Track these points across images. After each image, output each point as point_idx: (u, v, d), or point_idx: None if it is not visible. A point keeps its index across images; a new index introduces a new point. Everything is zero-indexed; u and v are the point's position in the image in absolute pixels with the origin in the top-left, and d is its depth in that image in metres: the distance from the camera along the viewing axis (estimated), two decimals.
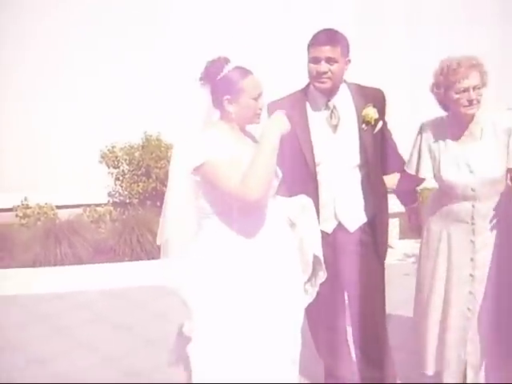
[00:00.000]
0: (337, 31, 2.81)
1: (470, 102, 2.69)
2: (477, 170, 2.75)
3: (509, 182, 2.85)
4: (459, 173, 2.77)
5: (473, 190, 2.76)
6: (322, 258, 2.57)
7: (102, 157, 6.45)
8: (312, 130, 2.85)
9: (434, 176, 2.89)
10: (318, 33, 2.81)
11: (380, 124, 2.88)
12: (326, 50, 2.74)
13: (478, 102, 2.71)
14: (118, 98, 6.64)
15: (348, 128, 2.87)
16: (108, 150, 6.47)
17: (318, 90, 2.83)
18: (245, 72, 2.43)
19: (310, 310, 2.64)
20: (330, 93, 2.85)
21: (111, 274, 5.30)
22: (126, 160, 6.49)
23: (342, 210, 2.91)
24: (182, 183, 2.43)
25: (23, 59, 6.58)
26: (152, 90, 6.68)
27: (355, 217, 2.94)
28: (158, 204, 6.37)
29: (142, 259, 5.59)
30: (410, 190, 3.20)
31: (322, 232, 2.76)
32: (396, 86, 3.03)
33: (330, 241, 2.86)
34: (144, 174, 6.41)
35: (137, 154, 6.45)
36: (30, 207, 6.42)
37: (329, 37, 2.77)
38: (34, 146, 6.53)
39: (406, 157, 3.03)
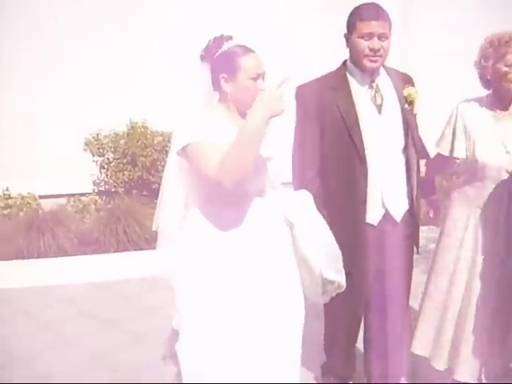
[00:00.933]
0: (379, 5, 2.62)
1: None
2: None
3: None
4: (495, 153, 2.68)
5: (508, 171, 2.66)
6: (329, 276, 2.35)
7: (87, 144, 6.24)
8: (358, 112, 2.67)
9: (467, 157, 2.78)
10: (364, 6, 2.62)
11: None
12: (379, 25, 2.56)
13: None
14: (102, 85, 6.41)
15: (391, 109, 2.73)
16: (93, 137, 6.26)
17: (367, 68, 2.66)
18: (244, 49, 2.26)
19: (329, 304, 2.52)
20: (375, 72, 2.70)
21: (97, 266, 5.12)
22: (111, 148, 6.29)
23: (389, 197, 2.74)
24: (171, 167, 2.32)
25: (7, 45, 6.34)
26: (137, 76, 6.47)
27: (401, 204, 2.78)
28: (144, 193, 6.23)
29: (128, 250, 5.42)
30: (429, 180, 3.07)
31: (368, 225, 2.67)
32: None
33: (375, 235, 2.72)
34: (130, 162, 6.22)
35: (122, 142, 6.25)
36: (12, 197, 6.22)
37: (378, 11, 2.58)
38: (15, 134, 6.29)
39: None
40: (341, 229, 2.45)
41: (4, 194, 6.25)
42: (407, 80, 2.82)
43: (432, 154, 2.98)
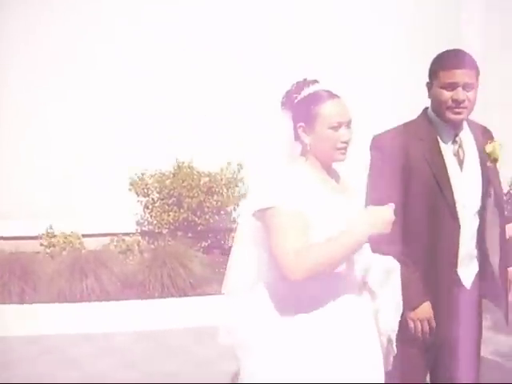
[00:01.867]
0: (465, 52, 2.43)
1: None
2: None
3: None
4: None
5: None
6: (394, 341, 2.21)
7: (132, 184, 6.13)
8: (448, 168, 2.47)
9: None
10: (448, 54, 2.44)
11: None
12: (464, 74, 2.36)
13: None
14: (148, 123, 6.37)
15: (473, 165, 2.51)
16: (138, 177, 6.16)
17: (450, 120, 2.44)
18: (326, 95, 2.06)
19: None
20: (459, 124, 2.49)
21: (141, 313, 4.96)
22: (156, 188, 6.16)
23: (463, 263, 2.51)
24: (245, 227, 2.12)
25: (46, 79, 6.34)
26: (184, 115, 6.41)
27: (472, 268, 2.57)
28: (190, 235, 6.07)
29: (173, 296, 5.24)
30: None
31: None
32: None
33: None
34: (175, 203, 6.07)
35: (168, 182, 6.11)
36: (56, 235, 6.13)
37: (463, 58, 2.39)
38: (61, 172, 6.25)
39: None
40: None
41: (48, 233, 6.16)
42: (488, 134, 2.60)
43: None
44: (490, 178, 2.51)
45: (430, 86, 2.48)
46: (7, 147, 6.23)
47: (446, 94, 2.38)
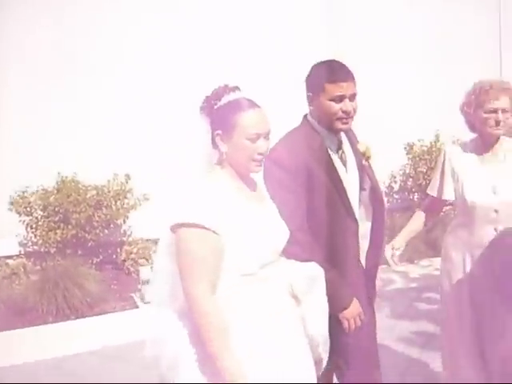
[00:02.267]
0: (343, 63, 2.55)
1: (497, 123, 2.78)
2: (500, 191, 2.81)
3: None
4: (482, 193, 2.82)
5: (496, 211, 2.79)
6: (327, 348, 2.28)
7: (12, 203, 5.72)
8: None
9: (456, 199, 2.94)
10: (331, 66, 2.53)
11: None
12: (349, 87, 2.48)
13: (505, 125, 2.81)
14: (26, 136, 5.98)
15: (353, 166, 2.68)
16: (18, 195, 5.76)
17: (340, 130, 2.58)
18: (246, 104, 2.04)
19: None
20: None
21: (36, 340, 4.65)
22: (39, 205, 5.79)
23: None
24: (164, 237, 2.09)
25: None
26: (64, 125, 6.11)
27: None
28: (80, 252, 5.81)
29: (69, 318, 4.99)
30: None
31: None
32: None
33: None
34: (62, 219, 5.75)
35: (52, 199, 5.73)
36: None
37: (346, 71, 2.51)
38: None
39: None
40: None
41: None
42: (354, 135, 2.79)
43: None
44: (368, 175, 2.71)
45: (312, 97, 2.57)
46: None
47: (335, 106, 2.49)
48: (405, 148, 7.44)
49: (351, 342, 2.57)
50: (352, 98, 2.50)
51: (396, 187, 7.75)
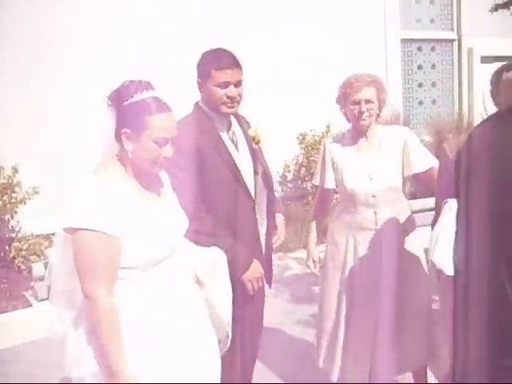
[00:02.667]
0: (231, 51, 2.67)
1: (360, 114, 2.91)
2: (376, 178, 2.94)
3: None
4: (360, 180, 2.95)
5: (374, 196, 2.94)
6: (229, 329, 2.35)
7: None
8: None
9: (338, 187, 3.07)
10: (218, 54, 2.65)
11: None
12: (234, 74, 2.62)
13: (371, 115, 2.94)
14: None
15: (244, 147, 2.80)
16: None
17: (227, 114, 2.70)
18: (159, 106, 1.99)
19: None
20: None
21: None
22: None
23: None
24: (59, 236, 2.05)
25: None
26: None
27: None
28: None
29: None
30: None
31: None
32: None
33: None
34: None
35: None
36: None
37: (233, 58, 2.64)
38: None
39: None
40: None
41: None
42: (245, 120, 2.92)
43: None
44: (258, 157, 2.84)
45: (201, 83, 2.68)
46: None
47: (221, 92, 2.61)
48: (297, 138, 7.64)
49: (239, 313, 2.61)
50: (238, 84, 2.64)
51: (290, 176, 7.94)
